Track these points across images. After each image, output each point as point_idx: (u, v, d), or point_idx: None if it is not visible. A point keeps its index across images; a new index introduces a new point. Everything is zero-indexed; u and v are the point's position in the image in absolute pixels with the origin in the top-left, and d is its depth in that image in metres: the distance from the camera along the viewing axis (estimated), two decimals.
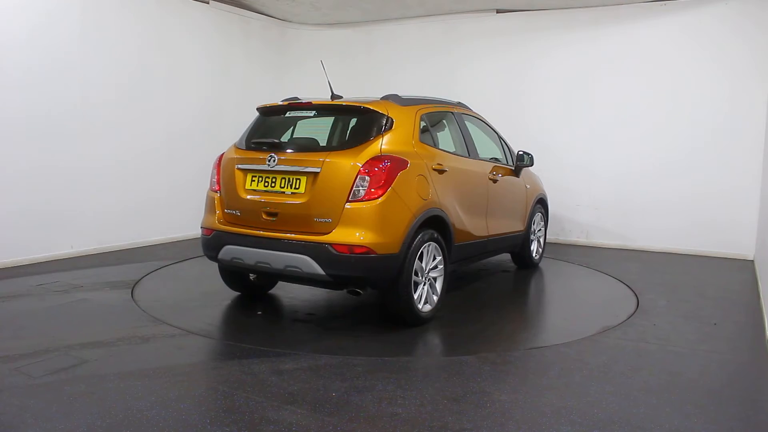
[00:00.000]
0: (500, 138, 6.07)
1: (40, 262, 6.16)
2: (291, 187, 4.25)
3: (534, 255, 6.61)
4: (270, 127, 4.81)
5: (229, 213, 4.55)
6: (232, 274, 5.02)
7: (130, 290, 5.23)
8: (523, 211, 6.20)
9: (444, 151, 4.91)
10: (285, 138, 4.75)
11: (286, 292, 5.37)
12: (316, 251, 4.03)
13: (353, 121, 4.64)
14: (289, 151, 4.40)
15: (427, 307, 4.49)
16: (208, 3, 8.06)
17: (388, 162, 4.15)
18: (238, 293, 5.28)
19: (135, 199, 7.20)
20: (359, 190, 4.04)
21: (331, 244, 4.00)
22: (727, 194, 7.35)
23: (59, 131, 6.34)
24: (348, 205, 4.03)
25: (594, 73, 8.00)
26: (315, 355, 3.77)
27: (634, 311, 4.96)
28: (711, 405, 3.16)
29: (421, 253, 4.34)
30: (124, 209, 7.08)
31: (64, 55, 6.33)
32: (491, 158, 5.79)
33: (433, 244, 4.46)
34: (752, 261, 7.14)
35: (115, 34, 6.87)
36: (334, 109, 4.80)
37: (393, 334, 4.31)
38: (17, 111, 5.95)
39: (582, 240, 8.19)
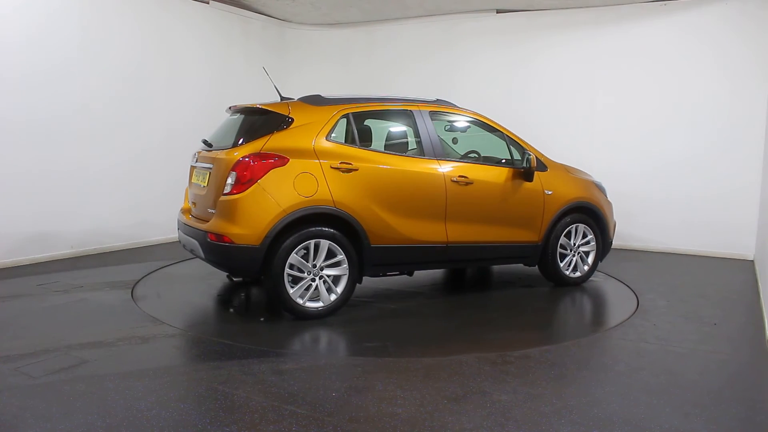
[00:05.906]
0: (509, 139, 5.53)
1: (40, 262, 6.16)
2: (203, 181, 4.80)
3: (570, 271, 5.77)
4: (221, 128, 5.20)
5: (187, 203, 5.30)
6: None
7: (130, 290, 5.24)
8: (536, 219, 5.49)
9: (370, 150, 4.79)
10: (217, 138, 5.05)
11: None
12: (200, 238, 4.55)
13: (253, 122, 4.83)
14: (204, 149, 5.02)
15: (317, 304, 4.51)
16: (208, 3, 8.06)
17: (261, 159, 4.39)
18: (237, 293, 5.36)
19: (135, 199, 7.20)
20: (230, 184, 4.39)
21: (207, 233, 4.47)
22: (727, 194, 7.33)
23: (59, 131, 6.33)
24: (221, 198, 4.42)
25: (594, 72, 7.99)
26: (315, 355, 3.77)
27: (634, 311, 4.95)
28: (711, 405, 3.16)
29: (307, 249, 4.43)
30: (124, 209, 7.08)
31: (65, 57, 6.33)
32: (502, 161, 5.43)
33: (326, 242, 4.47)
34: (752, 261, 7.14)
35: (116, 34, 6.86)
36: (247, 112, 5.01)
37: (392, 334, 4.31)
38: (17, 111, 5.95)
39: None
